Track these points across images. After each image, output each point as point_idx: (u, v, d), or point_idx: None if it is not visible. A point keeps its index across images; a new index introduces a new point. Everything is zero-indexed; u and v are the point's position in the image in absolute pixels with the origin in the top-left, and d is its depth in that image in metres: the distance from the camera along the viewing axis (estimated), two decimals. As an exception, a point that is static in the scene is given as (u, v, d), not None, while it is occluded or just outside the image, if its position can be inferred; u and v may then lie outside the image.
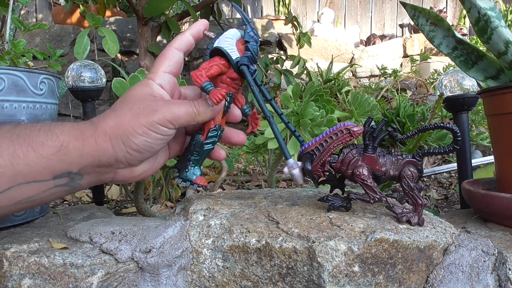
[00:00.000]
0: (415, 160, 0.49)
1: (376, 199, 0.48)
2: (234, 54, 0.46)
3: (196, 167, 0.51)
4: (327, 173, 0.49)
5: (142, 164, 0.47)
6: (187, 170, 0.51)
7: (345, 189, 0.52)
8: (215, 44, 0.47)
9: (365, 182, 0.47)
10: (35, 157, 0.40)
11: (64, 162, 0.41)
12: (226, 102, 0.49)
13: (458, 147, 0.48)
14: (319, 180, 0.49)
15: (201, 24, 0.49)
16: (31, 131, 0.41)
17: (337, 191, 0.53)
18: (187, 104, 0.46)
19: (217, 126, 0.50)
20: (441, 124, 0.48)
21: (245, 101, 0.53)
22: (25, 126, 0.42)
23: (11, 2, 0.71)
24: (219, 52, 0.46)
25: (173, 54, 0.47)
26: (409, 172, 0.48)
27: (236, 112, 0.52)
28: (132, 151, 0.43)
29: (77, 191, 0.46)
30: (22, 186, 0.40)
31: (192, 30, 0.48)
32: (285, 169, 0.48)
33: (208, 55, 0.48)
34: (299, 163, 0.48)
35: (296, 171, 0.47)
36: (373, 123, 0.50)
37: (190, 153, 0.50)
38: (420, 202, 0.48)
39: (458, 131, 0.48)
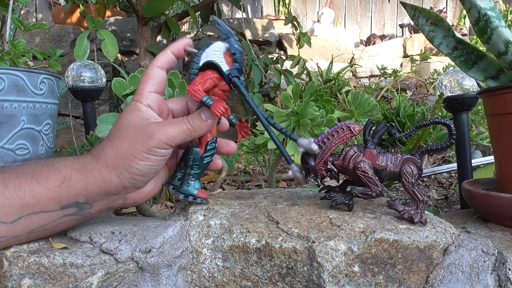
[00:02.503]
0: (414, 157, 0.49)
1: (378, 192, 0.48)
2: (224, 67, 0.47)
3: (196, 180, 0.51)
4: (329, 173, 0.49)
5: (147, 184, 0.48)
6: (188, 184, 0.51)
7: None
8: (207, 59, 0.47)
9: (366, 174, 0.48)
10: (40, 189, 0.43)
11: (70, 193, 0.43)
12: None
13: (454, 142, 0.49)
14: (321, 181, 0.50)
15: (183, 42, 0.49)
16: (35, 167, 0.44)
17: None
18: (181, 122, 0.47)
19: (214, 138, 0.51)
20: (436, 120, 0.49)
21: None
22: (30, 163, 0.45)
23: (11, 2, 0.71)
24: (210, 66, 0.47)
25: (156, 73, 0.48)
26: (409, 169, 0.48)
27: (224, 122, 0.53)
28: (137, 176, 0.45)
29: (89, 219, 0.48)
30: (31, 216, 0.43)
31: (173, 48, 0.49)
32: (290, 173, 0.49)
33: (197, 69, 0.48)
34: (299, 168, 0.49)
35: (300, 176, 0.49)
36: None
37: (189, 167, 0.50)
38: (422, 199, 0.48)
39: (452, 126, 0.49)
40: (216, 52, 0.47)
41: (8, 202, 0.42)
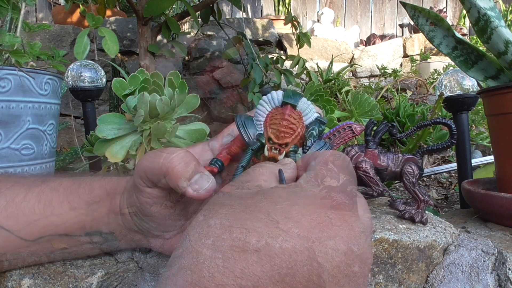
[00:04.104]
0: (415, 157, 0.49)
1: (379, 191, 0.48)
2: (252, 132, 0.37)
3: None
4: None
5: (176, 237, 0.40)
6: None
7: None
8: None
9: (367, 174, 0.48)
10: (68, 210, 0.38)
11: (95, 219, 0.39)
12: None
13: (455, 142, 0.49)
14: None
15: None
16: (74, 183, 0.40)
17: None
18: (159, 155, 0.35)
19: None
20: (437, 120, 0.49)
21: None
22: (71, 178, 0.41)
23: (22, 7, 0.71)
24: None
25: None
26: (410, 169, 0.48)
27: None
28: (146, 218, 0.38)
29: (120, 249, 0.43)
30: (54, 237, 0.39)
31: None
32: None
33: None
34: None
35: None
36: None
37: None
38: (422, 198, 0.48)
39: (453, 126, 0.49)
40: (260, 108, 0.36)
41: (35, 218, 0.38)
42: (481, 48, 0.64)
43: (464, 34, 3.06)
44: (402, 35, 3.58)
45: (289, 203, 0.25)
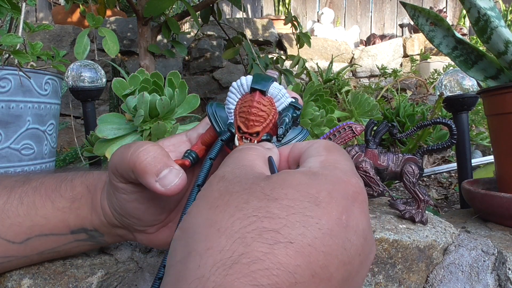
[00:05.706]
0: (415, 157, 0.49)
1: (380, 191, 0.48)
2: (222, 121, 0.35)
3: None
4: None
5: (160, 230, 0.38)
6: None
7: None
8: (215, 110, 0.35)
9: (367, 174, 0.48)
10: (52, 209, 0.38)
11: (79, 216, 0.38)
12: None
13: (455, 142, 0.49)
14: None
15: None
16: (56, 181, 0.39)
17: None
18: (129, 147, 0.33)
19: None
20: (437, 120, 0.49)
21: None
22: (53, 175, 0.40)
23: (23, 7, 0.71)
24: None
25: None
26: (411, 169, 0.48)
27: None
28: (121, 211, 0.36)
29: (108, 245, 0.43)
30: (41, 237, 0.38)
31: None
32: None
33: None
34: None
35: None
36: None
37: None
38: (423, 198, 0.48)
39: (453, 126, 0.49)
40: (230, 95, 0.34)
41: (20, 220, 0.37)
42: (481, 48, 0.64)
43: (464, 34, 3.06)
44: (402, 35, 3.58)
45: (319, 191, 0.24)
